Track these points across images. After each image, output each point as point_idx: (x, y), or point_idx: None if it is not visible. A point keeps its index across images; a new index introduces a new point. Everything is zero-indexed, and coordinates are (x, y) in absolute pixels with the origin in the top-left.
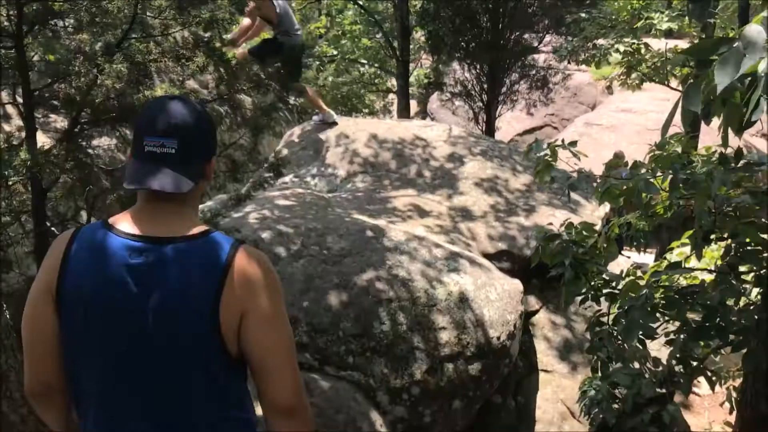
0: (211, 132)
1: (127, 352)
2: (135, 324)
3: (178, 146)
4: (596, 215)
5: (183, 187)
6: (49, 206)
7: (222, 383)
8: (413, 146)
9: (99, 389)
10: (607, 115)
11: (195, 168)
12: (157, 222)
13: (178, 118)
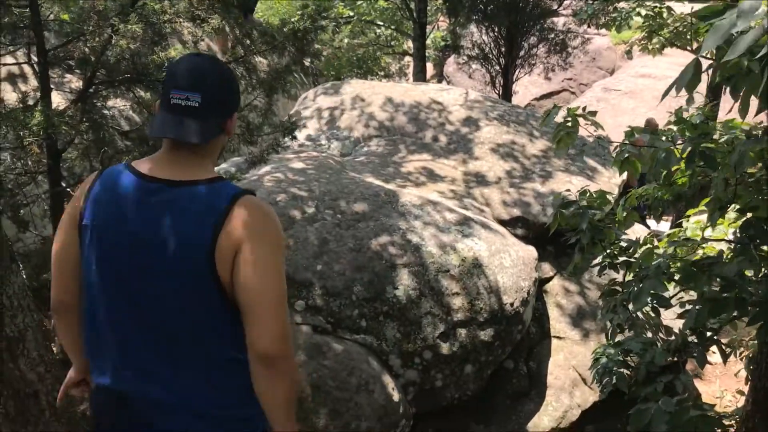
0: (233, 89)
1: (134, 283)
2: (142, 258)
3: (201, 100)
4: (613, 182)
5: (202, 139)
6: (65, 167)
7: (222, 323)
8: (429, 110)
9: (109, 316)
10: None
11: (216, 122)
12: (174, 167)
13: (204, 74)
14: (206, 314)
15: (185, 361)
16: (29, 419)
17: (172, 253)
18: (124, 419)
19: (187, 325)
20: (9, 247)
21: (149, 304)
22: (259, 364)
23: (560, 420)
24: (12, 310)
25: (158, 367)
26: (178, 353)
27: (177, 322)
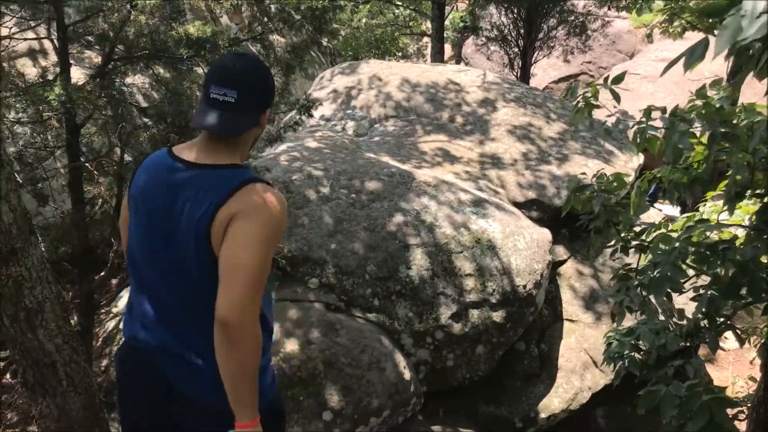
0: (268, 88)
1: (157, 247)
2: (163, 226)
3: (237, 97)
4: (629, 166)
5: (234, 132)
6: (83, 142)
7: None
8: (446, 91)
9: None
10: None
11: (249, 116)
12: (205, 153)
13: (241, 73)
14: (206, 279)
15: (192, 321)
16: (47, 389)
17: (184, 224)
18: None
19: (194, 288)
20: (28, 220)
21: (168, 267)
22: (216, 329)
23: (570, 402)
24: (31, 281)
25: (171, 324)
26: (187, 313)
27: (187, 285)
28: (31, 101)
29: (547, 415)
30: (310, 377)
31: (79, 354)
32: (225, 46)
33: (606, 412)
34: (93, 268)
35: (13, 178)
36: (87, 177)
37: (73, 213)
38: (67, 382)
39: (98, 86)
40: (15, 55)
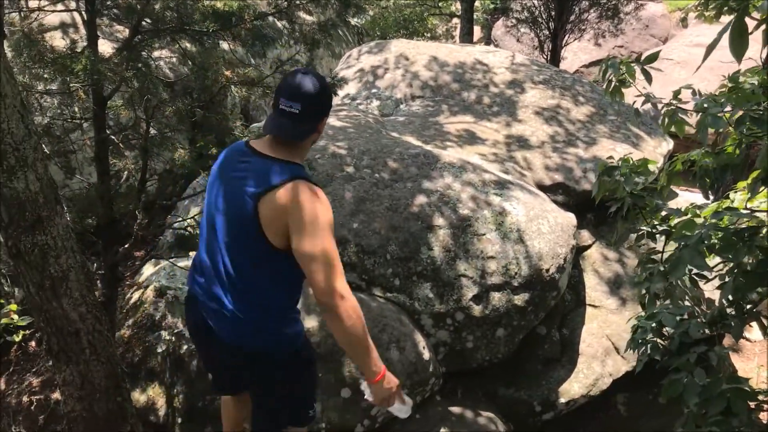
0: (326, 100)
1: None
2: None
3: (300, 109)
4: (658, 152)
5: (297, 138)
6: (111, 115)
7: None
8: (474, 71)
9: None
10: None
11: (310, 125)
12: (271, 149)
13: (305, 89)
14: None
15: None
16: (71, 357)
17: (239, 205)
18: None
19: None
20: (55, 190)
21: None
22: (321, 310)
23: (591, 387)
24: (56, 250)
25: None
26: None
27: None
28: (59, 72)
29: (567, 400)
30: (329, 354)
31: (102, 323)
32: (251, 20)
33: (626, 399)
34: (117, 241)
35: (40, 148)
36: (113, 150)
37: (99, 185)
38: (90, 350)
39: (125, 59)
40: (45, 28)
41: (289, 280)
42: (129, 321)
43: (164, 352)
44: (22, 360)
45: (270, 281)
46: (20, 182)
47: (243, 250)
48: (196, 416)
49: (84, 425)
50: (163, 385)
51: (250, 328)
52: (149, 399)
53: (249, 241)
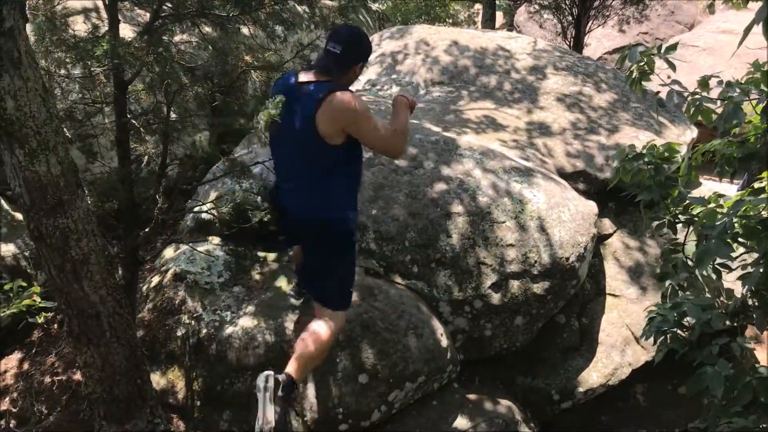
0: (364, 50)
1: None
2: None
3: (341, 51)
4: (682, 140)
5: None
6: (132, 99)
7: (326, 159)
8: (495, 57)
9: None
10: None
11: (346, 65)
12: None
13: (347, 37)
14: (317, 154)
15: (307, 178)
16: (91, 339)
17: (300, 118)
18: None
19: (309, 159)
20: (76, 173)
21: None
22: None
23: (609, 377)
24: (77, 233)
25: (296, 180)
26: (305, 173)
27: (304, 157)
28: (80, 57)
29: (585, 389)
30: (347, 339)
31: (123, 306)
32: (271, 4)
33: (645, 389)
34: (138, 225)
35: (61, 132)
36: (134, 134)
37: (120, 169)
38: (111, 333)
39: (145, 43)
40: (67, 12)
41: (345, 171)
42: (149, 304)
43: (184, 336)
44: (44, 341)
45: (330, 173)
46: (42, 165)
47: (309, 153)
48: (215, 399)
49: (104, 407)
50: (182, 368)
51: (318, 207)
52: (169, 382)
53: (312, 145)
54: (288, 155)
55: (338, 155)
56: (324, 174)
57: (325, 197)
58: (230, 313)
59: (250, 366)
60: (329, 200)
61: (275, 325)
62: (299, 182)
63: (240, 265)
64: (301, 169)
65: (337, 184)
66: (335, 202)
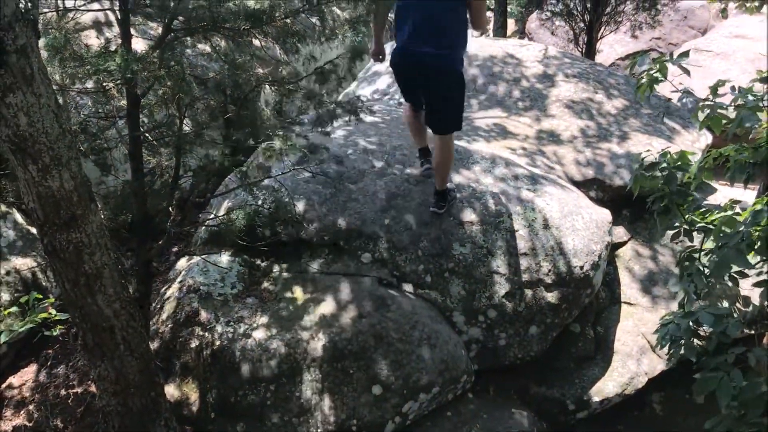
0: None
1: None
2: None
3: None
4: (696, 146)
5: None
6: (145, 113)
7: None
8: (505, 64)
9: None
10: (719, 41)
11: None
12: None
13: None
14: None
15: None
16: (105, 352)
17: None
18: (413, 61)
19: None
20: (89, 188)
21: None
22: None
23: (625, 386)
24: (90, 247)
25: (432, 38)
26: (443, 32)
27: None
28: (93, 71)
29: (601, 399)
30: (361, 351)
31: (136, 320)
32: (281, 17)
33: (662, 398)
34: (151, 237)
35: (74, 147)
36: (148, 147)
37: (133, 182)
38: (125, 346)
39: (158, 57)
40: (81, 27)
41: (465, 26)
42: (163, 316)
43: (197, 348)
44: (59, 354)
45: (457, 25)
46: (55, 181)
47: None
48: (229, 411)
49: (119, 419)
50: (196, 380)
51: (450, 58)
52: (183, 394)
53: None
54: (432, 19)
55: (465, 16)
56: (459, 31)
57: (457, 47)
58: (244, 325)
59: (264, 378)
60: (459, 48)
61: (288, 336)
62: (442, 40)
63: (253, 276)
64: (445, 30)
65: (463, 37)
66: (460, 50)
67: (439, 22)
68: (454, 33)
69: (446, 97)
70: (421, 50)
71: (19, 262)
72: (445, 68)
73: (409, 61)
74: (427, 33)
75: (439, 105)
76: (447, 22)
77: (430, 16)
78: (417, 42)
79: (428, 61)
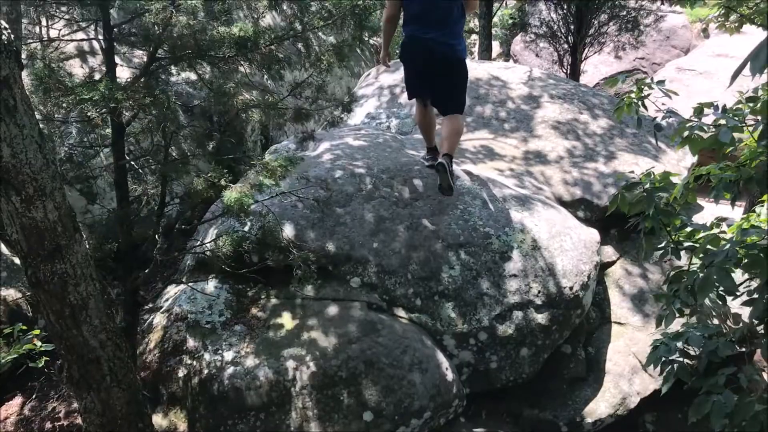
0: None
1: None
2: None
3: None
4: (682, 165)
5: None
6: (131, 141)
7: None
8: (490, 87)
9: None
10: (701, 60)
11: None
12: None
13: None
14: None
15: (446, 24)
16: (91, 384)
17: None
18: (420, 47)
19: (448, 13)
20: (73, 218)
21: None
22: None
23: (618, 407)
24: (75, 278)
25: (436, 25)
26: (444, 21)
27: (444, 11)
28: (78, 101)
29: (594, 420)
30: (351, 377)
31: (123, 350)
32: (266, 44)
33: (655, 418)
34: (138, 266)
35: (58, 177)
36: (134, 175)
37: (119, 210)
38: (111, 377)
39: (143, 86)
40: (64, 56)
41: (464, 20)
42: (150, 345)
43: (185, 377)
44: (45, 386)
45: (459, 19)
46: (38, 212)
47: (452, 8)
48: None
49: None
50: (184, 409)
51: (453, 46)
52: (171, 424)
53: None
54: (437, 10)
55: (463, 10)
56: (458, 21)
57: (458, 37)
58: (232, 353)
59: (252, 406)
60: (460, 38)
61: (277, 363)
62: (445, 29)
63: (241, 303)
64: (447, 19)
65: (461, 28)
66: (462, 39)
67: (444, 14)
68: (459, 25)
69: (455, 84)
70: (432, 39)
71: (4, 293)
72: (454, 57)
73: (420, 50)
74: (435, 24)
75: (449, 90)
76: (451, 14)
77: (437, 8)
78: (427, 32)
79: (438, 50)
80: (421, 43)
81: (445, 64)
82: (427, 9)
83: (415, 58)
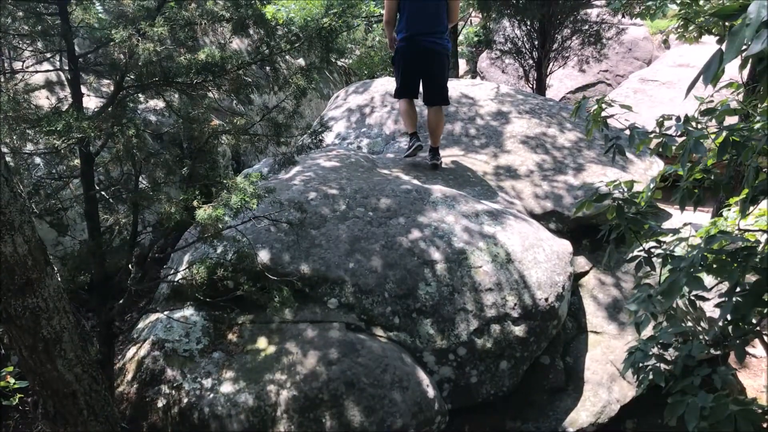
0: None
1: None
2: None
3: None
4: (649, 173)
5: None
6: (100, 171)
7: (443, 15)
8: (459, 104)
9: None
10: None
11: None
12: None
13: None
14: (443, 7)
15: (437, 25)
16: (68, 419)
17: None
18: (414, 46)
19: (438, 13)
20: (44, 251)
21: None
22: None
23: (599, 415)
24: (48, 312)
25: (427, 26)
26: (434, 21)
27: (435, 12)
28: (45, 132)
29: (576, 430)
30: (333, 398)
31: (99, 383)
32: (233, 69)
33: (635, 424)
34: (112, 297)
35: (26, 210)
36: (104, 205)
37: (90, 241)
38: (88, 411)
39: (110, 115)
40: (30, 88)
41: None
42: (128, 377)
43: (165, 407)
44: (20, 424)
45: (444, 17)
46: (8, 246)
47: (441, 8)
48: None
49: None
50: None
51: (443, 40)
52: None
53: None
54: (428, 11)
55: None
56: (445, 19)
57: (445, 34)
58: (211, 380)
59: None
60: (447, 36)
61: (257, 388)
62: (436, 27)
63: (218, 329)
64: (437, 19)
65: (447, 26)
66: (448, 37)
67: (437, 16)
68: (446, 24)
69: (442, 76)
70: (429, 42)
71: None
72: (445, 54)
73: (418, 52)
74: (430, 26)
75: (437, 82)
76: (442, 14)
77: (429, 11)
78: (424, 35)
79: (434, 50)
80: (420, 45)
81: (439, 63)
82: (421, 12)
83: (414, 59)
